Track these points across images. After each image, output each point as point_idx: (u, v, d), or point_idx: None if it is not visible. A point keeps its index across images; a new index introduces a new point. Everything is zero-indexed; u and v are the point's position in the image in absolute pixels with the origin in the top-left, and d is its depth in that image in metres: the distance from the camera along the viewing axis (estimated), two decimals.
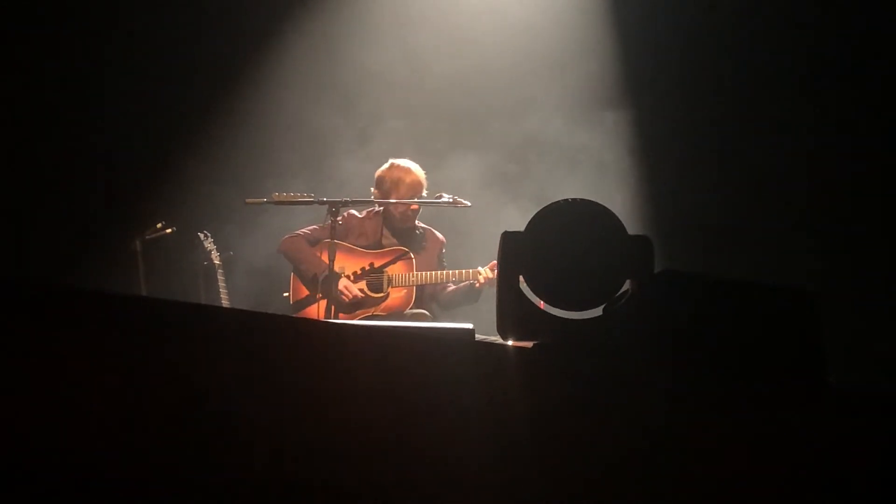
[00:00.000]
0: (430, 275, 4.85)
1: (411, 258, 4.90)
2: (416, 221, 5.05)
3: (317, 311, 4.81)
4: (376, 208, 5.02)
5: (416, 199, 4.88)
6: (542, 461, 1.68)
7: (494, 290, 2.26)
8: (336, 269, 4.72)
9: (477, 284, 4.79)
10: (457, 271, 4.83)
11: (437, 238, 5.13)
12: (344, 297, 4.79)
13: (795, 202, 5.71)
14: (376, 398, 1.63)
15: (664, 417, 1.80)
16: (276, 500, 1.51)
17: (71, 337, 1.55)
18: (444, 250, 5.13)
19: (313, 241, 4.90)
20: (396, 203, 4.89)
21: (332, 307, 4.66)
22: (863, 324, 5.25)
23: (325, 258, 4.68)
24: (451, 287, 5.00)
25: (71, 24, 5.81)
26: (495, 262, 4.66)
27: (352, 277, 4.86)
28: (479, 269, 4.80)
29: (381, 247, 4.96)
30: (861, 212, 5.61)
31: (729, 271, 5.44)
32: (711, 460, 1.76)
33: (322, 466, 1.55)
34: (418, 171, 4.97)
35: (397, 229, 5.02)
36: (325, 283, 4.70)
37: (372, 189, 5.00)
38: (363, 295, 4.84)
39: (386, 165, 5.00)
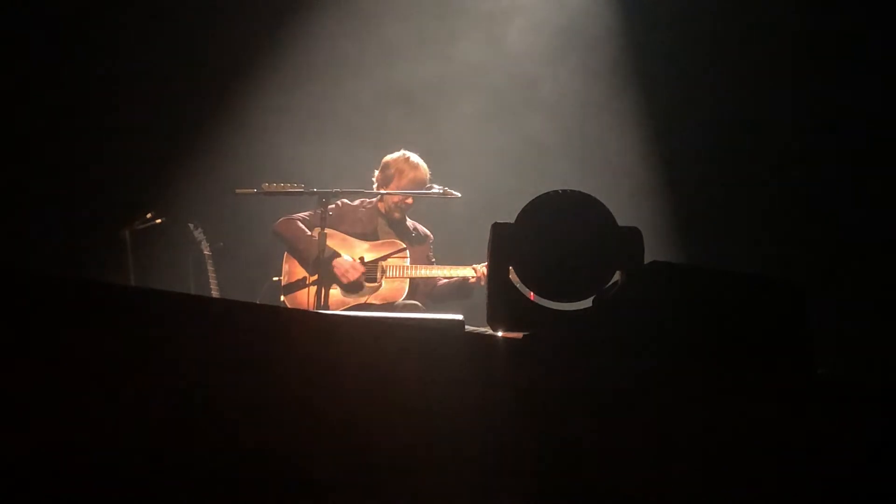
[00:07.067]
0: (426, 268, 4.85)
1: (406, 254, 4.89)
2: (406, 216, 5.06)
3: (307, 297, 4.79)
4: (370, 199, 5.01)
5: (407, 190, 4.88)
6: (532, 452, 1.68)
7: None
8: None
9: (472, 280, 4.76)
10: (451, 267, 4.81)
11: (427, 234, 5.13)
12: (344, 277, 4.77)
13: (790, 197, 5.73)
14: (365, 389, 1.63)
15: (654, 407, 1.80)
16: (263, 492, 1.50)
17: (59, 327, 1.54)
18: (431, 245, 5.13)
19: (308, 226, 4.89)
20: (389, 194, 4.90)
21: (323, 293, 4.65)
22: (852, 316, 5.27)
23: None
24: (444, 281, 4.99)
25: (61, 15, 5.77)
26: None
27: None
28: (475, 266, 4.76)
29: (377, 236, 4.96)
30: (856, 208, 5.63)
31: (719, 263, 5.45)
32: (700, 449, 1.77)
33: (310, 456, 1.55)
34: (424, 168, 4.96)
35: (389, 220, 5.02)
36: (323, 265, 4.68)
37: (376, 172, 5.00)
38: (361, 274, 4.82)
39: (397, 154, 4.99)
